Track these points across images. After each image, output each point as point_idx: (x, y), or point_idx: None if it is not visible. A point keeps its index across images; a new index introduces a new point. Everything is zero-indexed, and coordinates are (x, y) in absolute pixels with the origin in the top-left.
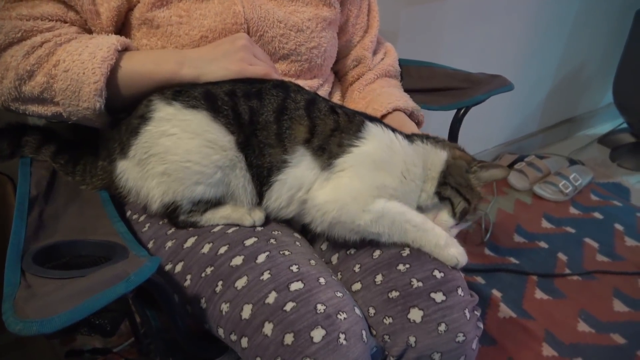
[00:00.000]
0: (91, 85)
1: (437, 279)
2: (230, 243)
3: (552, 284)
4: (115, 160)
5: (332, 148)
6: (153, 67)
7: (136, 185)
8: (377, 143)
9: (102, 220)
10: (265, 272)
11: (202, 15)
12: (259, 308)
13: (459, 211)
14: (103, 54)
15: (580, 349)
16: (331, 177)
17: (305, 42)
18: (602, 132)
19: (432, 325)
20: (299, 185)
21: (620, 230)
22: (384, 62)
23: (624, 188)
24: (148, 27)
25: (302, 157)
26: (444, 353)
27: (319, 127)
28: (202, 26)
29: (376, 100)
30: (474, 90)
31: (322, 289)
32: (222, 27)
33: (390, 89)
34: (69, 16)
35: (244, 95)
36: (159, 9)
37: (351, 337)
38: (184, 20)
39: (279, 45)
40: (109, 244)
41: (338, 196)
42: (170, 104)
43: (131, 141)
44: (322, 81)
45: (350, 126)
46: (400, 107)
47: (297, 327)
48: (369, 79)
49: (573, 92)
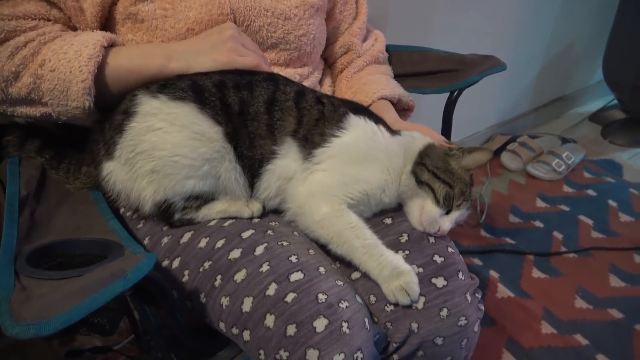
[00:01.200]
0: (79, 84)
1: (437, 264)
2: (227, 236)
3: (549, 263)
4: (101, 162)
5: (315, 138)
6: (141, 62)
7: (125, 187)
8: (357, 134)
9: (96, 219)
10: (264, 263)
11: (187, 7)
12: (260, 300)
13: (441, 197)
14: (89, 51)
15: (578, 326)
16: (310, 169)
17: (293, 30)
18: (593, 109)
19: (434, 311)
20: (285, 175)
21: (614, 207)
22: (374, 48)
23: (617, 164)
24: (132, 21)
25: (290, 148)
26: (447, 337)
27: (306, 117)
28: (188, 18)
29: (362, 90)
30: (467, 71)
31: (322, 278)
32: (208, 18)
33: (376, 77)
34: (52, 14)
35: (234, 86)
36: (143, 2)
37: (354, 326)
38: (169, 13)
39: (266, 34)
40: (104, 242)
41: (307, 190)
42: (155, 97)
43: (116, 140)
44: (311, 69)
45: (333, 116)
46: (386, 95)
47: (299, 318)
48: (357, 67)
49: (563, 71)
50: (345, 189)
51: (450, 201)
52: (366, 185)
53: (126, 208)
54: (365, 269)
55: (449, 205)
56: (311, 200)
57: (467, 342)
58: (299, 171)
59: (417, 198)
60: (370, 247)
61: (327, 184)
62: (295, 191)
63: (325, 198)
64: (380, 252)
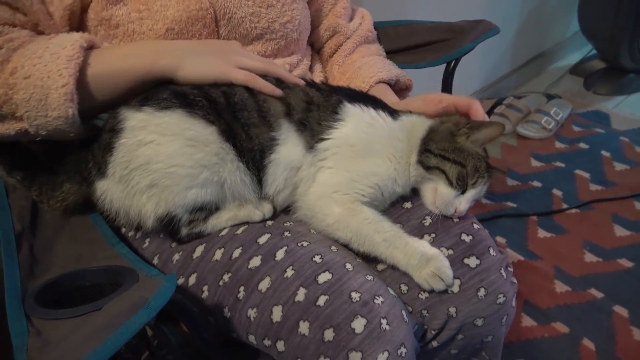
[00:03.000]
0: (59, 89)
1: (466, 243)
2: (243, 244)
3: (553, 221)
4: (94, 182)
5: (314, 125)
6: (127, 62)
7: (123, 205)
8: (355, 125)
9: (99, 244)
10: (288, 268)
11: (163, 5)
12: (290, 307)
13: (454, 178)
14: (67, 52)
15: (591, 280)
16: (316, 165)
17: (277, 17)
18: (572, 62)
19: (471, 292)
20: (291, 164)
21: (608, 157)
22: (362, 28)
23: (603, 114)
24: (106, 27)
25: (288, 133)
26: (487, 317)
27: (291, 97)
28: (166, 18)
29: (357, 76)
30: (460, 39)
31: (351, 275)
32: (187, 15)
33: (370, 59)
34: (17, 18)
35: (212, 84)
36: (115, 6)
37: (393, 320)
38: (144, 15)
39: (250, 25)
40: (113, 268)
41: (316, 192)
42: (140, 110)
43: (107, 158)
44: (300, 56)
45: (326, 105)
46: (384, 79)
47: (335, 321)
48: (348, 49)
49: (539, 27)
50: (355, 185)
51: (464, 181)
52: (376, 178)
53: (127, 227)
54: (393, 261)
55: (463, 185)
56: (321, 203)
57: (506, 318)
58: (306, 164)
59: (429, 182)
60: (393, 239)
61: (334, 182)
62: (305, 192)
63: (335, 198)
64: (404, 241)
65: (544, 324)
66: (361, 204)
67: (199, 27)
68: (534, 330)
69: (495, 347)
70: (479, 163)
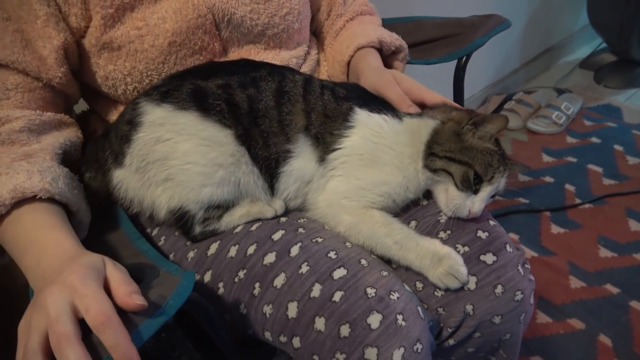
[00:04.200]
0: None
1: (482, 240)
2: (258, 241)
3: (566, 216)
4: (110, 170)
5: (327, 137)
6: (19, 254)
7: (138, 195)
8: (363, 133)
9: (121, 244)
10: (302, 264)
11: (160, 19)
12: (306, 304)
13: (459, 180)
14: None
15: (606, 275)
16: (326, 175)
17: (277, 11)
18: (582, 56)
19: (488, 289)
20: (302, 177)
21: (620, 151)
22: (356, 3)
23: (615, 108)
24: (109, 50)
25: (303, 147)
26: (505, 315)
27: (314, 112)
28: (166, 31)
29: (338, 51)
30: (471, 34)
31: (366, 271)
32: (187, 25)
33: (354, 30)
34: (9, 81)
35: (240, 85)
36: (113, 27)
37: (409, 316)
38: (143, 32)
39: (250, 23)
40: (136, 267)
41: (325, 200)
42: (159, 105)
43: (124, 149)
44: (307, 47)
45: (338, 113)
46: (362, 44)
47: (351, 317)
48: (338, 28)
49: (548, 21)
50: (365, 194)
51: (469, 182)
52: (386, 187)
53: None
54: (406, 263)
55: (469, 186)
56: (331, 211)
57: (524, 316)
58: (316, 176)
59: (440, 184)
60: (404, 241)
61: (344, 190)
62: (315, 201)
63: (344, 205)
64: (415, 242)
65: (559, 320)
66: (370, 208)
67: (199, 34)
68: (550, 327)
69: (514, 345)
70: (490, 158)
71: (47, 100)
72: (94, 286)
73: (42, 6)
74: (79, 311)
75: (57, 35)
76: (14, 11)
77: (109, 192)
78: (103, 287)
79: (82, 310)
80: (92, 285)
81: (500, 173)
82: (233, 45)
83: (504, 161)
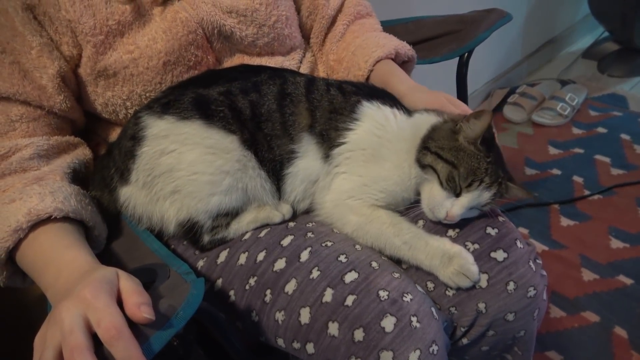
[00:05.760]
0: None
1: (492, 237)
2: (267, 247)
3: (575, 208)
4: (116, 188)
5: (331, 134)
6: (38, 275)
7: (146, 210)
8: (368, 126)
9: (134, 243)
10: (313, 269)
11: (151, 40)
12: (318, 309)
13: (443, 178)
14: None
15: (618, 266)
16: (331, 173)
17: (265, 21)
18: (584, 46)
19: (500, 287)
20: (309, 177)
21: (628, 140)
22: (348, 3)
23: (620, 97)
24: (105, 78)
25: (308, 146)
26: (518, 312)
27: (318, 110)
28: (159, 52)
29: (353, 64)
30: (473, 30)
31: (378, 273)
32: (178, 43)
33: (363, 38)
34: (13, 112)
35: (242, 91)
36: (105, 54)
37: (423, 318)
38: (135, 55)
39: (240, 34)
40: (148, 268)
41: (331, 200)
42: (161, 117)
43: (129, 166)
44: (301, 52)
45: (345, 106)
46: (381, 56)
47: (364, 321)
48: (338, 33)
49: (549, 12)
50: (367, 190)
51: (454, 182)
52: (385, 183)
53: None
54: (416, 263)
55: (454, 186)
56: (337, 211)
57: (538, 312)
58: (322, 175)
59: (427, 183)
60: (413, 241)
61: (348, 188)
62: (322, 200)
63: (350, 205)
64: (424, 241)
65: (573, 314)
66: (377, 207)
67: (192, 50)
68: (564, 321)
69: (528, 341)
70: (477, 164)
71: (52, 127)
72: (106, 299)
73: (35, 37)
74: (91, 324)
75: (52, 64)
76: (7, 43)
77: (117, 210)
78: (115, 299)
79: (94, 323)
80: (104, 298)
81: (482, 183)
82: (226, 55)
83: (494, 174)
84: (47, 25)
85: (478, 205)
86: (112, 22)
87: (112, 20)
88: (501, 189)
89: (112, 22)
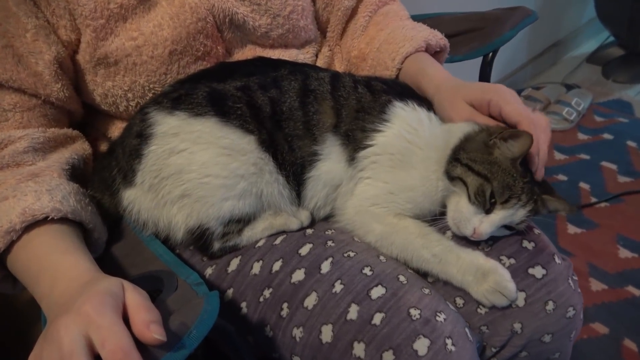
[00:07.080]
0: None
1: (529, 251)
2: (284, 256)
3: (582, 216)
4: (119, 191)
5: (357, 134)
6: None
7: (152, 216)
8: (398, 129)
9: (137, 247)
10: (336, 282)
11: (157, 26)
12: (342, 327)
13: (472, 192)
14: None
15: (627, 276)
16: (355, 177)
17: (280, 10)
18: (588, 50)
19: (538, 306)
20: (331, 182)
21: (634, 147)
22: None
23: (626, 103)
24: (105, 66)
25: (332, 148)
26: (555, 333)
27: (344, 108)
28: (164, 40)
29: (380, 62)
30: (497, 28)
31: (407, 289)
32: (186, 31)
33: (389, 31)
34: (6, 101)
35: (260, 87)
36: (106, 40)
37: (458, 341)
38: (139, 42)
39: (252, 24)
40: (153, 275)
41: (354, 206)
42: (172, 113)
43: (134, 166)
44: (317, 45)
45: (374, 106)
46: (410, 52)
47: (395, 342)
48: (360, 26)
49: (554, 14)
50: (393, 199)
51: (484, 196)
52: (412, 193)
53: None
54: (446, 277)
55: (483, 201)
56: (360, 218)
57: (575, 333)
58: (346, 179)
59: (455, 196)
60: (443, 254)
61: (372, 195)
62: (343, 207)
63: (373, 213)
64: (456, 255)
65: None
66: (403, 217)
67: (201, 39)
68: None
69: None
70: (512, 181)
71: (48, 118)
72: (111, 316)
73: (30, 18)
74: (94, 345)
75: (48, 49)
76: (0, 25)
77: (118, 214)
78: (121, 315)
79: (98, 344)
80: (109, 315)
81: (519, 201)
82: (237, 46)
83: (530, 193)
84: (44, 6)
85: (512, 223)
86: (113, 5)
87: (113, 3)
88: (537, 206)
89: (114, 6)
